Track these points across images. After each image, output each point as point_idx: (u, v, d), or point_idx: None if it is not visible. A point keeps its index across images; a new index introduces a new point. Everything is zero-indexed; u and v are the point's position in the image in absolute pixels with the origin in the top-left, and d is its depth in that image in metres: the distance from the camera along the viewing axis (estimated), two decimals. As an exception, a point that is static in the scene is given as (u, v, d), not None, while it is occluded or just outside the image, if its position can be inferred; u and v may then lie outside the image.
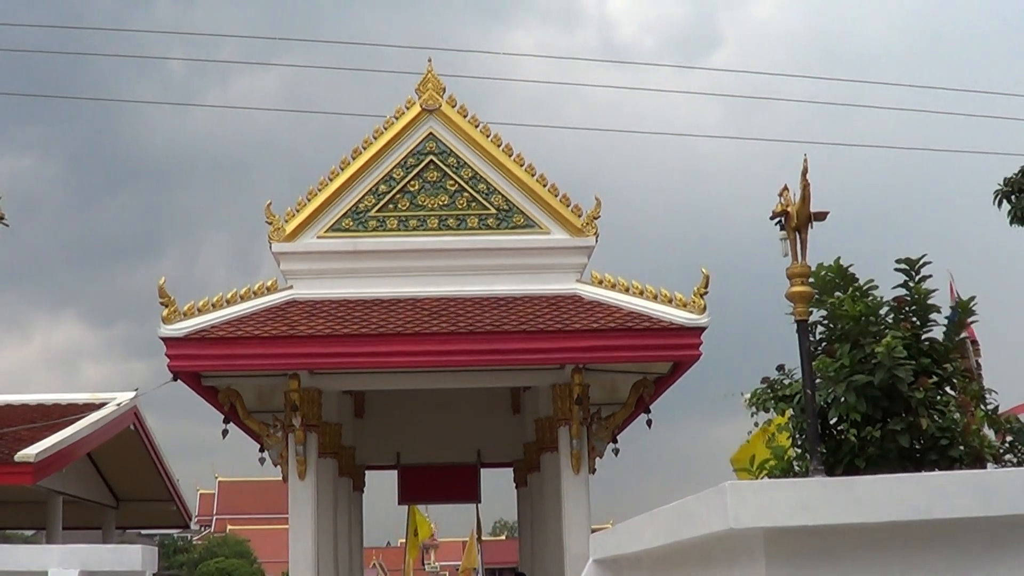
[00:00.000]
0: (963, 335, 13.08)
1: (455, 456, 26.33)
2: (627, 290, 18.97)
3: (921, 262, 12.55)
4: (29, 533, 47.04)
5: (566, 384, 19.22)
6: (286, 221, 19.74)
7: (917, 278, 12.58)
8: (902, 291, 12.68)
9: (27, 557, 11.36)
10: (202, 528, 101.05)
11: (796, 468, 13.03)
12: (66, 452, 23.30)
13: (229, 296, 18.69)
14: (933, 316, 12.70)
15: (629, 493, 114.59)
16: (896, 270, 12.63)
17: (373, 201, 19.95)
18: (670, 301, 18.54)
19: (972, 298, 12.85)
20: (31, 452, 21.55)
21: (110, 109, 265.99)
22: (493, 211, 19.96)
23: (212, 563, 76.97)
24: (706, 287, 18.45)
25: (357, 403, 25.32)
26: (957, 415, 12.02)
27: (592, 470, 19.59)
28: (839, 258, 12.97)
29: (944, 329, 12.80)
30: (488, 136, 20.36)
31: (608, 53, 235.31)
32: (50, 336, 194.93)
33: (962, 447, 12.01)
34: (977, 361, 13.43)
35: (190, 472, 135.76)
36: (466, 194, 20.03)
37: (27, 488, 23.02)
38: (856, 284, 12.74)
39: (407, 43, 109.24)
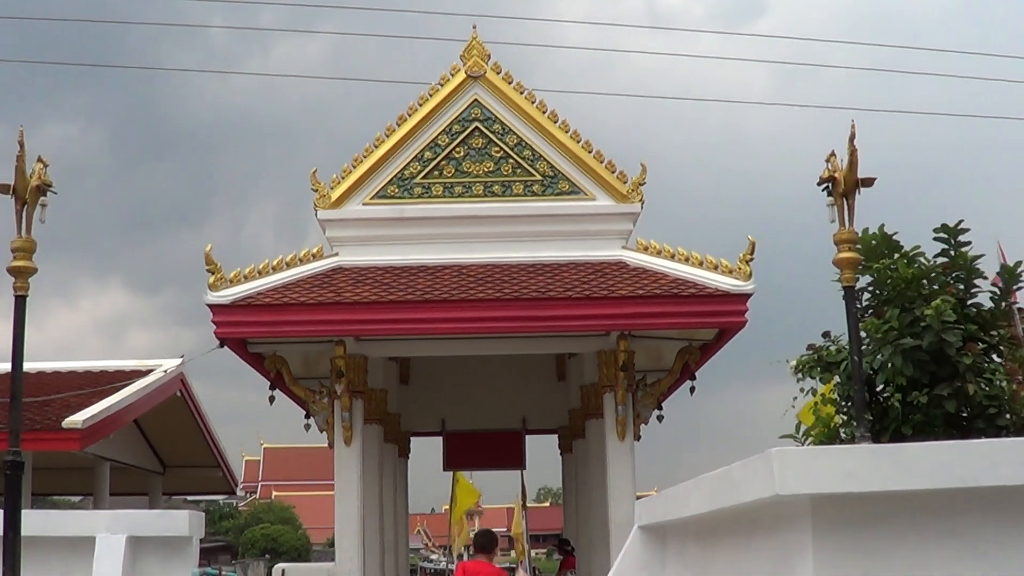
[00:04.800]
0: (1011, 302, 12.95)
1: (500, 423, 26.34)
2: (673, 257, 18.88)
3: (958, 228, 12.45)
4: (76, 499, 47.57)
5: (611, 351, 19.18)
6: (332, 188, 19.74)
7: (956, 244, 12.48)
8: (945, 259, 12.58)
9: (75, 523, 11.50)
10: (248, 494, 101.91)
11: (842, 435, 12.97)
12: (113, 419, 23.49)
13: (275, 263, 18.75)
14: (978, 282, 12.60)
15: (674, 460, 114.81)
16: (935, 239, 12.53)
17: (418, 168, 19.92)
18: (716, 268, 18.44)
19: (1018, 263, 12.70)
20: (79, 418, 21.73)
21: (153, 77, 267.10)
22: (538, 177, 19.89)
23: (257, 529, 77.57)
24: (752, 253, 18.34)
25: (403, 370, 25.40)
26: (1005, 383, 11.94)
27: (637, 437, 19.53)
28: (883, 225, 12.88)
29: (990, 296, 12.69)
30: (533, 103, 20.25)
31: (653, 20, 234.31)
32: (97, 303, 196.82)
33: (1009, 415, 11.93)
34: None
35: (236, 438, 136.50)
36: (511, 160, 19.97)
37: (75, 454, 23.25)
38: (901, 251, 12.65)
39: (452, 9, 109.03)
